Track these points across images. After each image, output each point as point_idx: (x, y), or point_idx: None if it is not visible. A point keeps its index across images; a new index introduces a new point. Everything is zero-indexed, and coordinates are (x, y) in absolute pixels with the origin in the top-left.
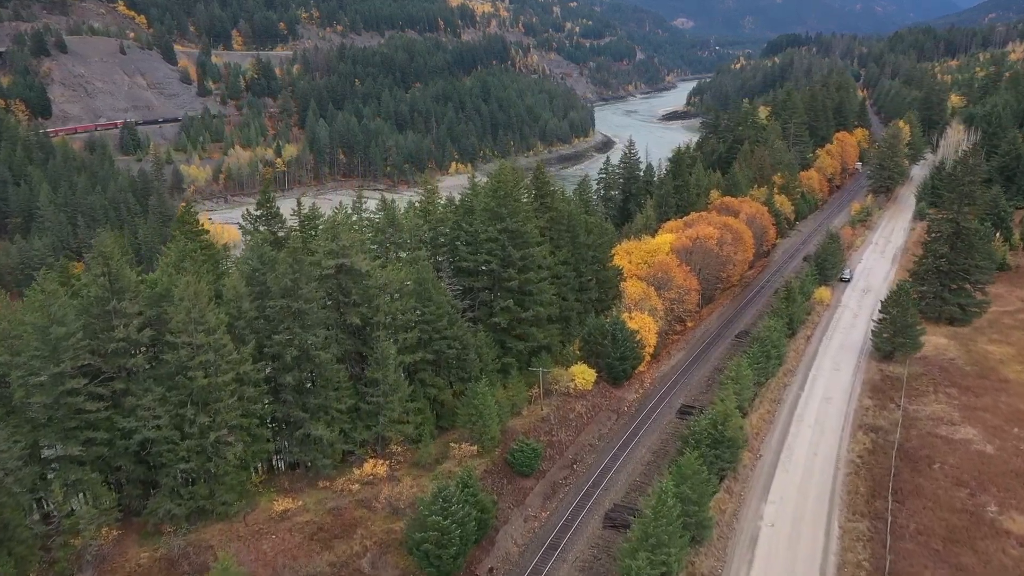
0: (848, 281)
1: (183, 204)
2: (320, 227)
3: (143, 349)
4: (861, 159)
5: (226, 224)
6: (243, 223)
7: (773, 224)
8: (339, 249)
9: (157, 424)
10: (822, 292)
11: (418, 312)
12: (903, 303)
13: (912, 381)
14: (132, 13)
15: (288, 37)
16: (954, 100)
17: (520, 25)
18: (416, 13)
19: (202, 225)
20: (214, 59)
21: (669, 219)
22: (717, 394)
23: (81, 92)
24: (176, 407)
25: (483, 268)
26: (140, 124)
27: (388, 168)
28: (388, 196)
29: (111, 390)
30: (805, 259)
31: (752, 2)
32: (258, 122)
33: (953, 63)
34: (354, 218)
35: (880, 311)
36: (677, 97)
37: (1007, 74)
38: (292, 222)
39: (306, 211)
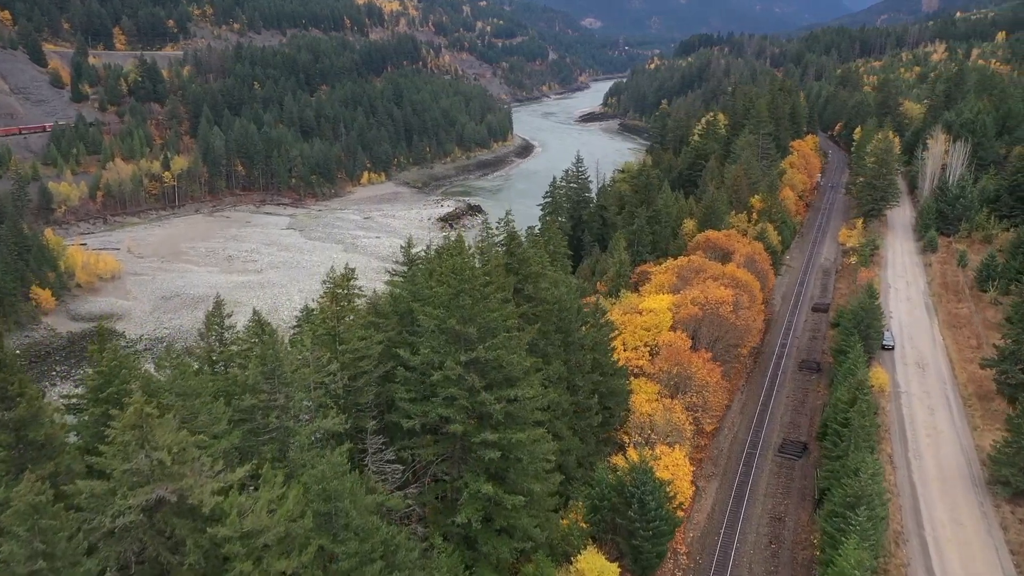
0: (892, 349)
1: None
2: (125, 408)
3: None
4: (821, 171)
5: (103, 251)
6: None
7: (771, 265)
8: (154, 468)
9: None
10: (879, 376)
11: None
12: None
13: None
14: None
15: (178, 36)
16: (908, 105)
17: (431, 24)
18: (320, 11)
19: None
20: (91, 60)
21: (645, 261)
22: None
23: None
24: None
25: (439, 429)
26: None
27: (293, 180)
28: (261, 315)
29: None
30: (815, 309)
31: (659, 3)
32: (142, 131)
33: (876, 64)
34: (197, 368)
35: (1008, 428)
36: (592, 98)
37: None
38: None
39: (104, 368)
